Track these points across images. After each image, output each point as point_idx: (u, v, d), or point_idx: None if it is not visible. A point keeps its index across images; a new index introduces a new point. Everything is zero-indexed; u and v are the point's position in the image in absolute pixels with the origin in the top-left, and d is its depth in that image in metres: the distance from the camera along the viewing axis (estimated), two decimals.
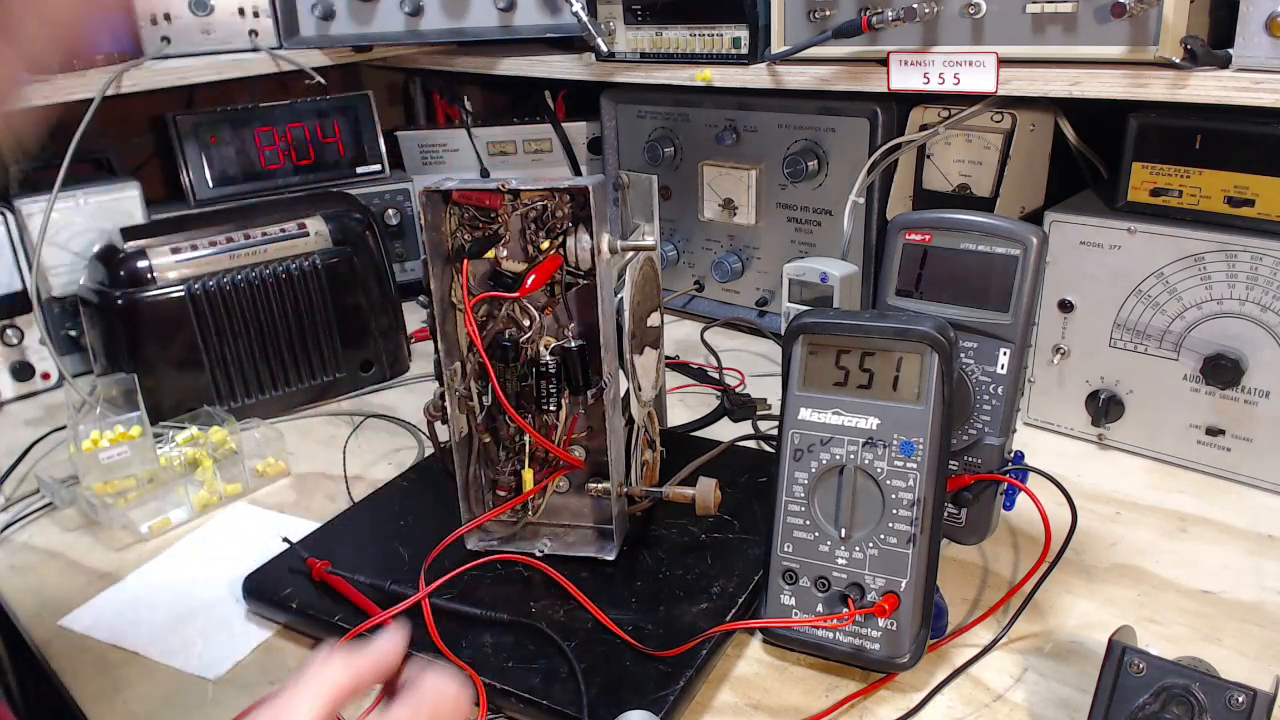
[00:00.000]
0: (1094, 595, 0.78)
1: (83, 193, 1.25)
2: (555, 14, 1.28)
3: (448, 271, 0.78)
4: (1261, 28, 0.78)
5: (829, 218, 1.23)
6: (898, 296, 0.79)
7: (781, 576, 0.71)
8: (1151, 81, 0.83)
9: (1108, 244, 0.93)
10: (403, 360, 1.27)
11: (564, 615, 0.74)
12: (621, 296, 0.81)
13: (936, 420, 0.68)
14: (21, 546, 0.94)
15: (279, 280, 1.14)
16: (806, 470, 0.71)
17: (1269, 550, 0.83)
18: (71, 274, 1.23)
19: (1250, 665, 0.70)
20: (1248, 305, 0.87)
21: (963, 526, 0.81)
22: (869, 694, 0.69)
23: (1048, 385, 1.02)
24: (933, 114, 1.08)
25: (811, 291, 1.11)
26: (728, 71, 1.14)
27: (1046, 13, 0.87)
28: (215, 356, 1.12)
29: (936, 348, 0.68)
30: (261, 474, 1.02)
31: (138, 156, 1.52)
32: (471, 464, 0.83)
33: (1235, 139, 0.86)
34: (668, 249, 1.40)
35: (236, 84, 1.45)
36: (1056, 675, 0.70)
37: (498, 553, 0.81)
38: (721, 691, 0.70)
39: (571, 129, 1.55)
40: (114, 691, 0.73)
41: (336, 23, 1.35)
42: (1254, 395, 0.89)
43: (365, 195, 1.42)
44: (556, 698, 0.66)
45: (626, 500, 0.83)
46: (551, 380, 0.79)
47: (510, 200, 0.76)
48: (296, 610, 0.77)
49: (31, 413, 1.22)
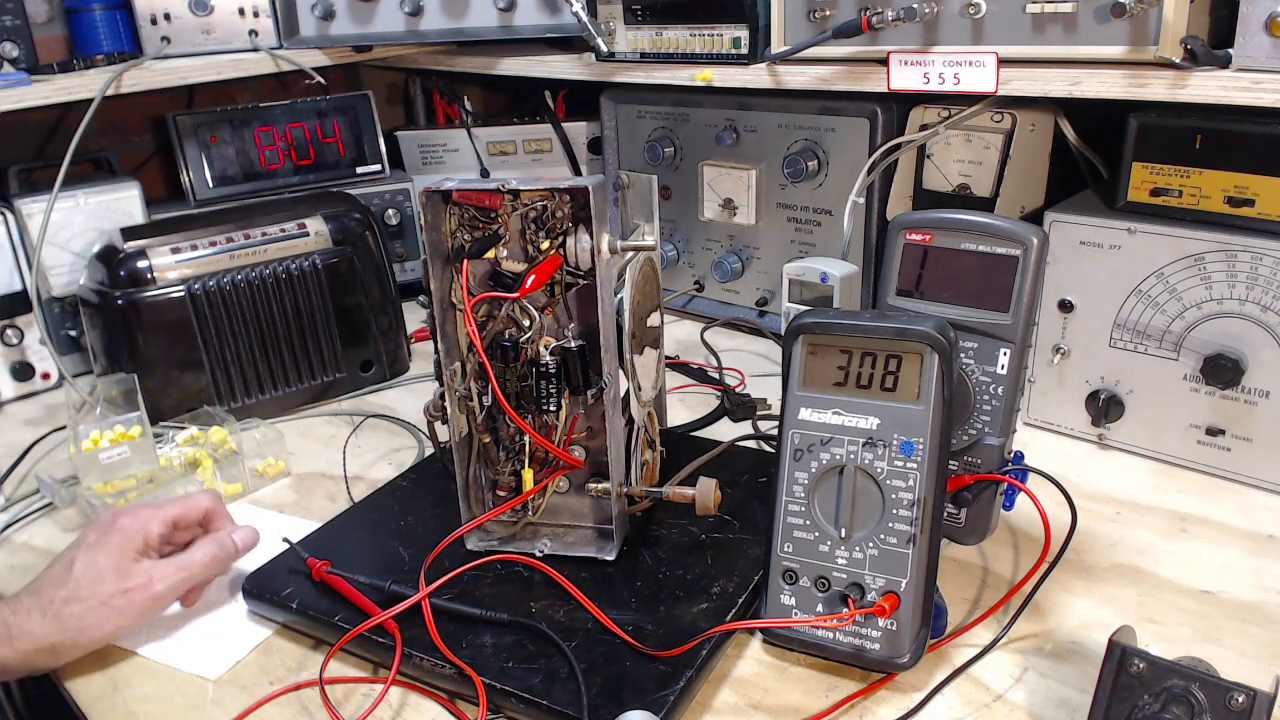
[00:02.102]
0: (1094, 595, 0.78)
1: (83, 193, 1.25)
2: (555, 14, 1.28)
3: (448, 271, 0.78)
4: (1261, 28, 0.78)
5: (829, 218, 1.23)
6: (898, 296, 0.79)
7: (781, 576, 0.71)
8: (1151, 81, 0.83)
9: (1108, 244, 0.93)
10: (403, 360, 1.27)
11: (564, 615, 0.74)
12: (621, 296, 0.81)
13: (936, 420, 0.68)
14: (21, 546, 0.94)
15: (279, 280, 1.14)
16: (806, 470, 0.71)
17: (1269, 550, 0.83)
18: (71, 274, 1.23)
19: (1250, 665, 0.70)
20: (1248, 305, 0.87)
21: (962, 526, 0.81)
22: (869, 694, 0.69)
23: (1048, 385, 1.02)
24: (933, 114, 1.08)
25: (811, 291, 1.11)
26: (728, 71, 1.14)
27: (1046, 13, 0.88)
28: (215, 356, 1.12)
29: (936, 348, 0.68)
30: (261, 474, 1.02)
31: (138, 156, 1.52)
32: (471, 464, 0.83)
33: (1235, 139, 0.86)
34: (668, 249, 1.40)
35: (236, 84, 1.45)
36: (1056, 675, 0.70)
37: (498, 553, 0.81)
38: (721, 691, 0.70)
39: (571, 129, 1.55)
40: (114, 691, 0.73)
41: (336, 23, 1.35)
42: (1254, 395, 0.89)
43: (365, 195, 1.42)
44: (556, 698, 0.66)
45: (626, 500, 0.83)
46: (551, 380, 0.79)
47: (510, 200, 0.76)
48: (296, 610, 0.77)
49: (31, 413, 1.22)
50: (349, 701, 0.71)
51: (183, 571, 0.76)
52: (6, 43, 1.21)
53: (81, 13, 1.29)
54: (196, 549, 0.78)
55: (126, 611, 0.73)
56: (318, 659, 0.75)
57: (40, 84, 1.17)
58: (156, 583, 0.75)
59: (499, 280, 0.78)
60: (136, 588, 0.74)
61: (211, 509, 0.82)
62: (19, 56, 1.22)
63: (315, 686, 0.70)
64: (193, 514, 0.81)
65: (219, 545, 0.79)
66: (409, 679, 0.72)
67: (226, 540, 0.80)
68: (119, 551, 0.74)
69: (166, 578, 0.75)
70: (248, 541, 0.82)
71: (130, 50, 1.30)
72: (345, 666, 0.74)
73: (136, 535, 0.76)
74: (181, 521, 0.80)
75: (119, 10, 1.29)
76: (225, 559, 0.80)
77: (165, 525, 0.78)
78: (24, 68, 1.21)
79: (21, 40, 1.23)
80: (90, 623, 0.72)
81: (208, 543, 0.79)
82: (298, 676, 0.73)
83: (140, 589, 0.74)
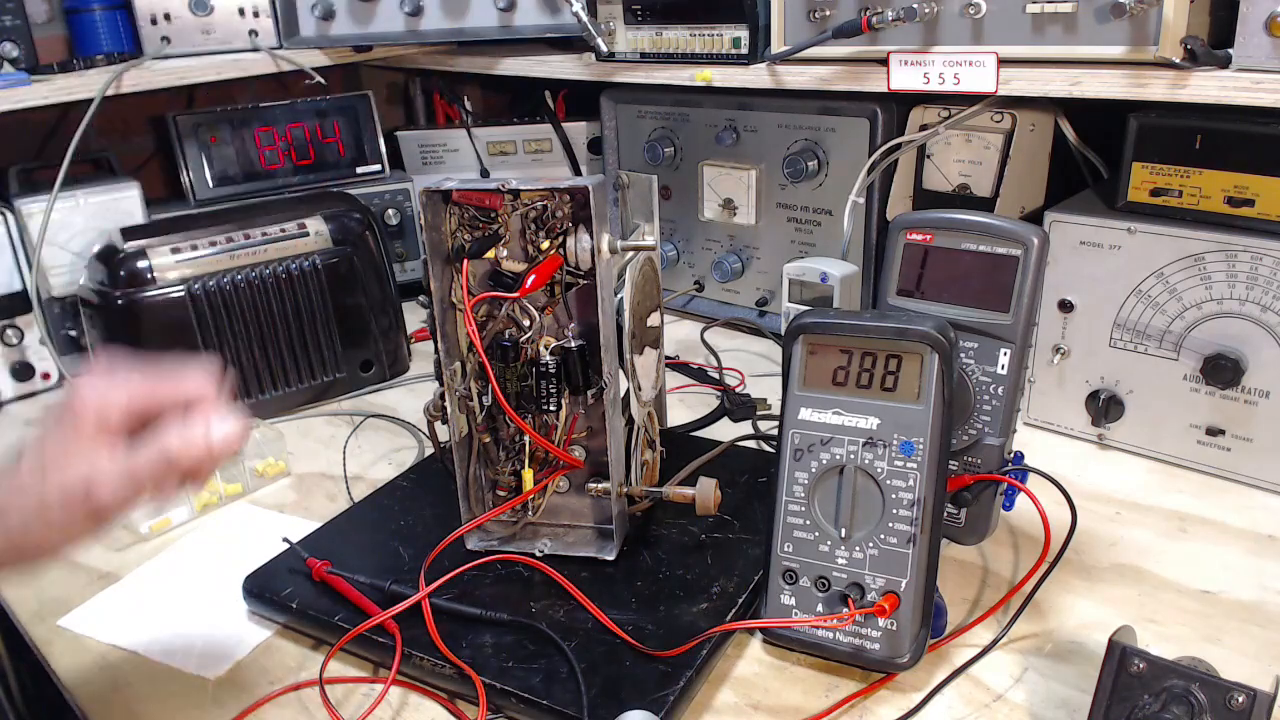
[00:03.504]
0: (1094, 595, 0.78)
1: (83, 193, 1.25)
2: (555, 14, 1.28)
3: (448, 271, 0.78)
4: (1261, 28, 0.78)
5: (829, 218, 1.23)
6: (899, 296, 0.79)
7: (782, 576, 0.72)
8: (1151, 81, 0.83)
9: (1108, 244, 0.93)
10: (403, 360, 1.27)
11: (564, 615, 0.74)
12: (621, 296, 0.81)
13: (936, 420, 0.68)
14: None
15: (279, 280, 1.14)
16: (806, 470, 0.71)
17: (1269, 550, 0.83)
18: (71, 274, 1.23)
19: (1250, 665, 0.70)
20: (1248, 305, 0.87)
21: (962, 526, 0.81)
22: (869, 694, 0.69)
23: (1048, 385, 1.02)
24: (933, 114, 1.08)
25: (811, 291, 1.11)
26: (728, 71, 1.14)
27: (1046, 13, 0.88)
28: (215, 356, 1.12)
29: (936, 348, 0.68)
30: (261, 474, 1.02)
31: (138, 156, 1.52)
32: (471, 464, 0.83)
33: (1235, 139, 0.86)
34: (668, 249, 1.40)
35: (236, 84, 1.45)
36: (1056, 675, 0.70)
37: (498, 553, 0.81)
38: (721, 691, 0.70)
39: (571, 129, 1.55)
40: (114, 691, 0.73)
41: (336, 23, 1.35)
42: (1254, 395, 0.89)
43: (365, 195, 1.42)
44: (556, 698, 0.66)
45: (626, 500, 0.83)
46: (551, 380, 0.79)
47: (510, 200, 0.76)
48: (296, 610, 0.77)
49: (31, 413, 1.22)
50: (349, 701, 0.71)
51: (129, 477, 0.55)
52: (6, 43, 1.21)
53: (81, 13, 1.29)
54: (152, 443, 0.56)
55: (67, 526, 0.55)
56: (318, 659, 0.75)
57: (40, 84, 1.17)
58: (98, 486, 0.55)
59: (499, 280, 0.78)
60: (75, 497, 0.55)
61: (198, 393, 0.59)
62: (19, 56, 1.22)
63: (315, 686, 0.71)
64: (171, 392, 0.59)
65: (183, 440, 0.56)
66: (409, 679, 0.72)
67: (196, 434, 0.57)
68: (70, 430, 0.56)
69: (110, 480, 0.55)
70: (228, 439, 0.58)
71: (130, 50, 1.30)
72: (345, 666, 0.74)
73: (90, 409, 0.56)
74: (156, 398, 0.58)
75: (119, 10, 1.29)
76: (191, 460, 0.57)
77: (133, 398, 0.57)
78: (24, 68, 1.21)
79: (21, 40, 1.22)
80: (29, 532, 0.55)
81: (170, 434, 0.57)
82: (298, 676, 0.73)
83: (78, 497, 0.55)
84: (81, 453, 0.55)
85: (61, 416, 0.57)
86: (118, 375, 0.59)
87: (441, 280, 0.78)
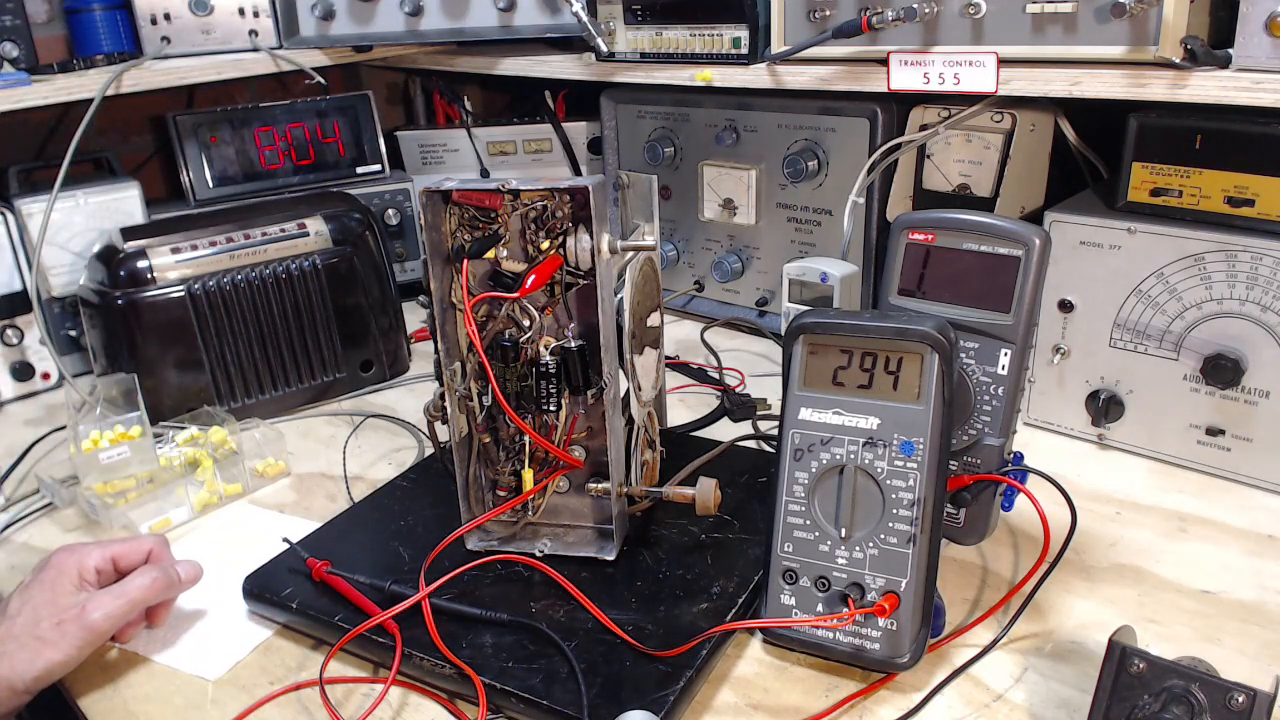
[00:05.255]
0: (1094, 595, 0.78)
1: (83, 193, 1.25)
2: (555, 14, 1.28)
3: (448, 271, 0.78)
4: (1261, 28, 0.78)
5: (829, 218, 1.23)
6: (900, 296, 0.79)
7: (782, 576, 0.71)
8: (1151, 81, 0.83)
9: (1108, 244, 0.93)
10: (403, 360, 1.27)
11: (564, 615, 0.74)
12: (621, 296, 0.81)
13: (937, 420, 0.68)
14: (21, 546, 0.94)
15: (279, 280, 1.14)
16: (807, 470, 0.71)
17: (1269, 550, 0.83)
18: (71, 274, 1.23)
19: (1250, 665, 0.70)
20: (1248, 305, 0.87)
21: (962, 527, 0.81)
22: (869, 694, 0.69)
23: (1048, 385, 1.02)
24: (933, 114, 1.08)
25: (811, 291, 1.11)
26: (728, 71, 1.14)
27: (1046, 13, 0.88)
28: (215, 356, 1.12)
29: (937, 348, 0.68)
30: (261, 474, 1.02)
31: (138, 156, 1.52)
32: (471, 464, 0.83)
33: (1235, 139, 0.86)
34: (668, 249, 1.40)
35: (236, 84, 1.45)
36: (1056, 675, 0.70)
37: (498, 553, 0.81)
38: (721, 691, 0.70)
39: (571, 129, 1.55)
40: (114, 691, 0.73)
41: (336, 23, 1.35)
42: (1254, 395, 0.89)
43: (365, 195, 1.42)
44: (556, 698, 0.66)
45: (626, 500, 0.83)
46: (551, 380, 0.79)
47: (510, 200, 0.76)
48: (296, 610, 0.77)
49: (31, 413, 1.22)
50: (349, 701, 0.71)
51: (120, 599, 0.73)
52: (6, 43, 1.21)
53: (81, 13, 1.29)
54: (135, 575, 0.75)
55: (60, 643, 0.70)
56: (318, 659, 0.75)
57: (40, 84, 1.17)
58: (91, 611, 0.71)
59: (499, 280, 0.78)
60: (69, 618, 0.71)
61: (155, 550, 0.79)
62: (19, 56, 1.22)
63: (315, 686, 0.70)
64: (134, 554, 0.78)
65: (160, 571, 0.76)
66: (409, 679, 0.72)
67: (169, 569, 0.77)
68: (53, 586, 0.73)
69: (102, 606, 0.72)
70: (191, 574, 0.79)
71: (130, 50, 1.30)
72: (345, 666, 0.74)
73: (71, 569, 0.74)
74: (123, 559, 0.77)
75: (119, 10, 1.29)
76: (165, 585, 0.76)
77: (103, 560, 0.76)
78: (24, 68, 1.22)
79: (21, 40, 1.23)
80: (23, 658, 0.69)
81: (148, 569, 0.76)
82: (298, 676, 0.73)
83: (73, 619, 0.70)
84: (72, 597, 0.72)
85: (43, 577, 0.73)
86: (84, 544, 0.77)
87: (441, 280, 0.78)
